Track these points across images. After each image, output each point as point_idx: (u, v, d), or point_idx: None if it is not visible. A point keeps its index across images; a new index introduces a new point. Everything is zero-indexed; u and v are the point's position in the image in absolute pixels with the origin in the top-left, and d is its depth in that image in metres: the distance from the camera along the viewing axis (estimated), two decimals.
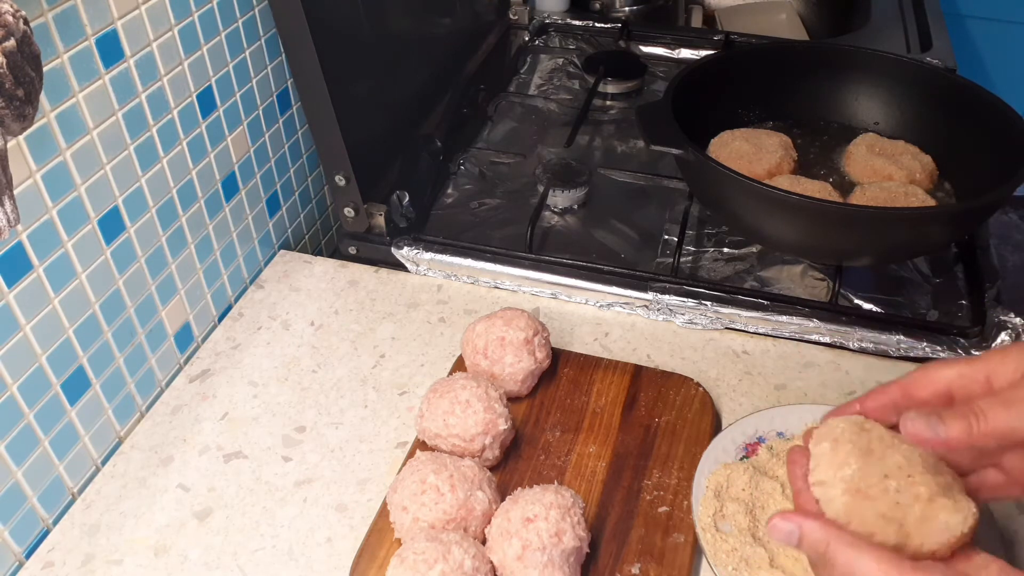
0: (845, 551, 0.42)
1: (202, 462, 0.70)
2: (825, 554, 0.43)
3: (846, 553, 0.42)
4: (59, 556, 0.63)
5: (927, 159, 0.87)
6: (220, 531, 0.65)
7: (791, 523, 0.45)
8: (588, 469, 0.67)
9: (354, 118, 0.83)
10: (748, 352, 0.78)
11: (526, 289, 0.85)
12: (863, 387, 0.75)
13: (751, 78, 0.94)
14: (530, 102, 1.13)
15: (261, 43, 0.83)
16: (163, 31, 0.69)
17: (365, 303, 0.84)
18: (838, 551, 0.43)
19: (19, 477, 0.62)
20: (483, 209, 0.96)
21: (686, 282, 0.82)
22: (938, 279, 0.85)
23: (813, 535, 0.44)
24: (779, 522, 0.45)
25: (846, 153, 0.90)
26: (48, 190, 0.61)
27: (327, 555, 0.63)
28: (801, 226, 0.78)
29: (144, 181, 0.70)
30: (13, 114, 0.47)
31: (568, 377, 0.74)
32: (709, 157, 0.81)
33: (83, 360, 0.67)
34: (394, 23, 0.93)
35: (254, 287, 0.86)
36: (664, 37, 1.23)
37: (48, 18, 0.58)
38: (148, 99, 0.69)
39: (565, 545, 0.57)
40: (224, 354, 0.79)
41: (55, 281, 0.63)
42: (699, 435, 0.69)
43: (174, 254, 0.75)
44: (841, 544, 0.43)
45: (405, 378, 0.77)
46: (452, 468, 0.61)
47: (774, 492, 0.63)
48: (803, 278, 0.85)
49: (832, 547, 0.43)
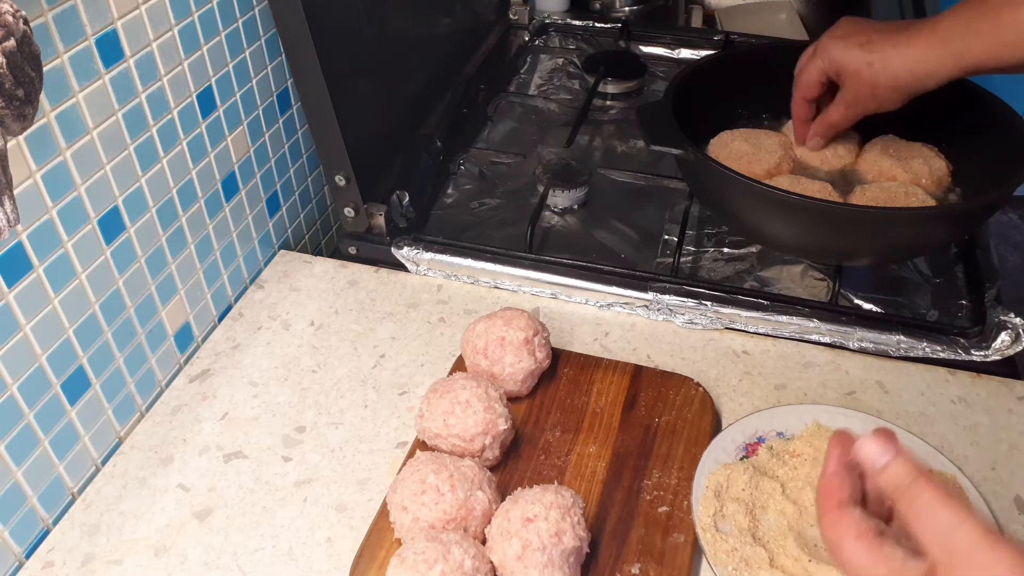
0: (930, 487, 0.43)
1: (202, 462, 0.70)
2: (912, 485, 0.43)
3: (931, 490, 0.43)
4: (59, 556, 0.63)
5: (941, 164, 0.86)
6: (220, 531, 0.65)
7: (886, 447, 0.45)
8: (588, 469, 0.67)
9: (354, 118, 0.83)
10: (748, 352, 0.78)
11: (526, 289, 0.85)
12: (863, 387, 0.75)
13: (751, 78, 0.94)
14: (530, 102, 1.13)
15: (261, 43, 0.83)
16: (163, 31, 0.69)
17: (365, 303, 0.84)
18: (927, 486, 0.43)
19: (19, 477, 0.62)
20: (483, 209, 0.96)
21: (686, 282, 0.82)
22: (938, 279, 0.85)
23: (904, 465, 0.44)
24: (872, 443, 0.45)
25: (861, 152, 0.90)
26: (48, 190, 0.61)
27: (327, 555, 0.63)
28: (801, 226, 0.78)
29: (144, 181, 0.70)
30: (13, 114, 0.47)
31: (568, 377, 0.74)
32: (709, 157, 0.81)
33: (83, 360, 0.67)
34: (394, 23, 0.93)
35: (254, 287, 0.86)
36: (664, 37, 1.24)
37: (48, 18, 0.58)
38: (148, 99, 0.69)
39: (565, 545, 0.57)
40: (224, 354, 0.79)
41: (55, 281, 0.63)
42: (699, 435, 0.69)
43: (174, 254, 0.75)
44: (929, 481, 0.43)
45: (405, 378, 0.77)
46: (452, 468, 0.61)
47: (774, 492, 0.63)
48: (803, 278, 0.85)
49: (923, 480, 0.43)
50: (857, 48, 0.76)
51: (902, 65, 0.74)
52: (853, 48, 0.76)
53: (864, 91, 0.77)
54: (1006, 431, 0.71)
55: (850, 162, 0.89)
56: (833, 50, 0.78)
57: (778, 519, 0.62)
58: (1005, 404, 0.73)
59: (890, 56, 0.74)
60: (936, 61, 0.72)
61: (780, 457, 0.66)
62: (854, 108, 0.80)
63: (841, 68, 0.78)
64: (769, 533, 0.61)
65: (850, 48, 0.77)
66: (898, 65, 0.74)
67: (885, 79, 0.75)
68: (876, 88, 0.76)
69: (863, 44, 0.76)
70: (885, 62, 0.74)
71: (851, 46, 0.77)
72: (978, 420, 0.72)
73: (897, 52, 0.74)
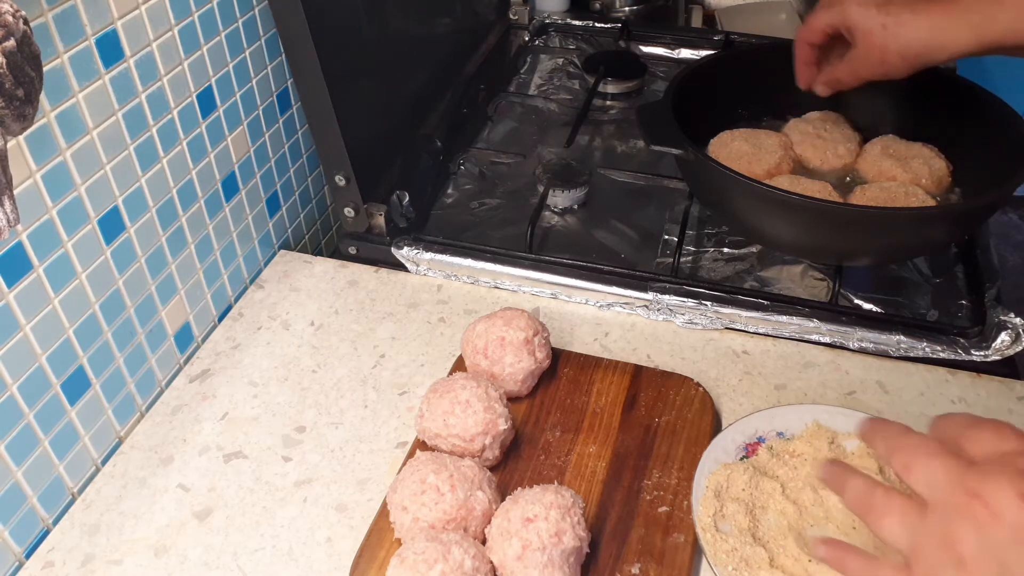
0: None
1: (202, 462, 0.70)
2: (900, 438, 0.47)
3: None
4: (59, 556, 0.63)
5: (941, 164, 0.86)
6: (220, 531, 0.65)
7: None
8: (588, 469, 0.67)
9: (354, 118, 0.83)
10: (748, 352, 0.78)
11: (526, 289, 0.85)
12: (863, 387, 0.75)
13: (751, 78, 0.94)
14: (530, 102, 1.13)
15: (261, 43, 0.83)
16: (163, 31, 0.69)
17: (365, 303, 0.84)
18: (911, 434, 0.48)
19: (19, 477, 0.62)
20: (483, 209, 0.96)
21: (686, 282, 0.82)
22: (938, 279, 0.85)
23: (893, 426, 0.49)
24: None
25: (861, 152, 0.90)
26: (48, 190, 0.61)
27: (327, 555, 0.63)
28: (801, 226, 0.78)
29: (144, 181, 0.70)
30: (13, 114, 0.47)
31: (568, 377, 0.74)
32: (709, 157, 0.81)
33: (83, 360, 0.67)
34: (394, 23, 0.93)
35: (254, 287, 0.86)
36: (664, 37, 1.24)
37: (48, 18, 0.58)
38: (148, 99, 0.69)
39: (565, 545, 0.57)
40: (224, 354, 0.79)
41: (55, 281, 0.63)
42: (699, 435, 0.69)
43: (174, 254, 0.75)
44: None
45: (405, 378, 0.77)
46: (452, 468, 0.61)
47: (774, 492, 0.63)
48: (803, 278, 0.85)
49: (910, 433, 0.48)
50: (874, 8, 0.73)
51: (915, 32, 0.71)
52: (870, 7, 0.73)
53: (874, 54, 0.74)
54: None
55: (850, 162, 0.89)
56: (849, 5, 0.75)
57: (778, 519, 0.62)
58: (1005, 404, 0.73)
59: (905, 20, 0.71)
60: (953, 31, 0.69)
61: (780, 457, 0.66)
62: (860, 70, 0.77)
63: (854, 26, 0.75)
64: (769, 533, 0.61)
65: (867, 7, 0.74)
66: (911, 31, 0.71)
67: (896, 45, 0.72)
68: (886, 53, 0.73)
69: (880, 5, 0.73)
70: (899, 26, 0.72)
71: (868, 5, 0.73)
72: None
73: (913, 17, 0.71)
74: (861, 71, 0.77)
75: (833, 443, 0.67)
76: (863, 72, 0.77)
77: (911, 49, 0.72)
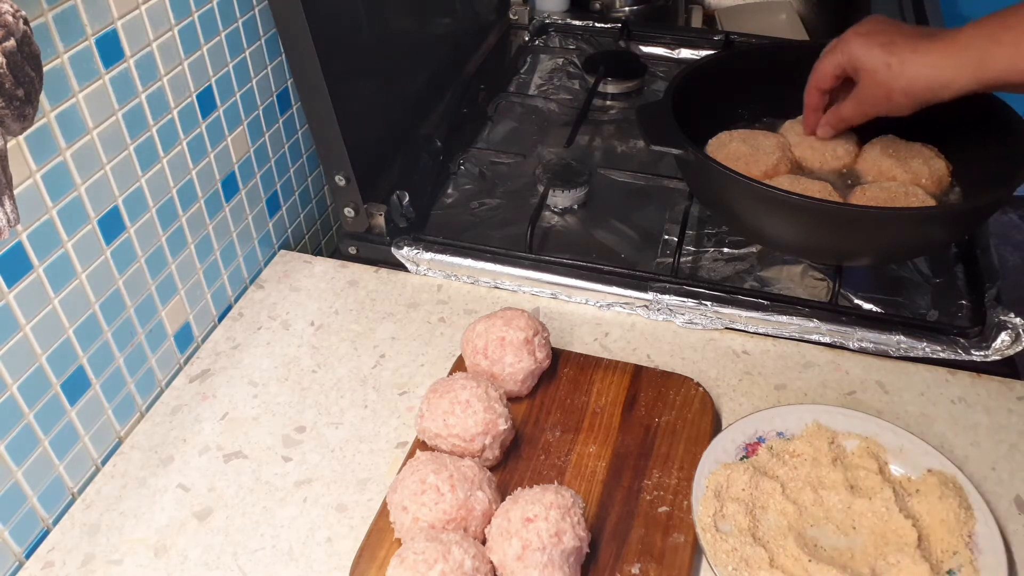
0: None
1: (202, 462, 0.70)
2: None
3: None
4: (59, 556, 0.63)
5: (940, 164, 0.86)
6: (220, 531, 0.65)
7: None
8: (588, 469, 0.67)
9: (354, 118, 0.83)
10: (748, 352, 0.78)
11: (526, 289, 0.85)
12: (863, 387, 0.75)
13: (751, 78, 0.94)
14: (530, 102, 1.13)
15: (261, 43, 0.83)
16: (163, 31, 0.69)
17: (365, 303, 0.84)
18: None
19: (19, 477, 0.62)
20: (483, 209, 0.96)
21: (686, 282, 0.82)
22: (938, 279, 0.85)
23: None
24: None
25: (861, 152, 0.90)
26: (48, 190, 0.61)
27: (327, 555, 0.63)
28: (801, 226, 0.78)
29: (144, 181, 0.70)
30: (13, 114, 0.47)
31: (568, 377, 0.74)
32: (709, 157, 0.81)
33: (83, 360, 0.67)
34: (394, 23, 0.93)
35: (254, 287, 0.86)
36: (664, 37, 1.24)
37: (48, 18, 0.58)
38: (148, 99, 0.69)
39: (565, 545, 0.57)
40: (224, 354, 0.79)
41: (55, 281, 0.63)
42: (699, 435, 0.69)
43: (174, 254, 0.75)
44: None
45: (405, 378, 0.77)
46: (452, 468, 0.61)
47: (774, 492, 0.63)
48: (803, 278, 0.85)
49: None
50: (878, 48, 0.75)
51: (918, 72, 0.73)
52: (874, 47, 0.75)
53: (879, 92, 0.76)
54: (1006, 431, 0.71)
55: (850, 162, 0.89)
56: (854, 46, 0.77)
57: (778, 519, 0.62)
58: (1005, 404, 0.73)
59: (908, 60, 0.73)
60: (954, 70, 0.71)
61: (780, 457, 0.66)
62: (866, 108, 0.79)
63: (860, 65, 0.77)
64: (769, 533, 0.61)
65: (871, 47, 0.76)
66: (915, 71, 0.73)
67: (900, 83, 0.74)
68: (891, 91, 0.75)
69: (884, 44, 0.75)
70: (903, 66, 0.73)
71: (872, 45, 0.76)
72: (978, 420, 0.72)
73: (916, 57, 0.73)
74: (867, 108, 0.79)
75: (833, 443, 0.67)
76: (869, 110, 0.79)
77: (915, 87, 0.74)
